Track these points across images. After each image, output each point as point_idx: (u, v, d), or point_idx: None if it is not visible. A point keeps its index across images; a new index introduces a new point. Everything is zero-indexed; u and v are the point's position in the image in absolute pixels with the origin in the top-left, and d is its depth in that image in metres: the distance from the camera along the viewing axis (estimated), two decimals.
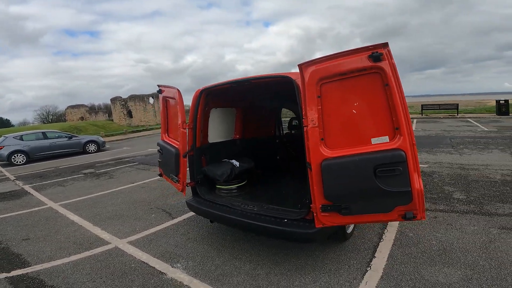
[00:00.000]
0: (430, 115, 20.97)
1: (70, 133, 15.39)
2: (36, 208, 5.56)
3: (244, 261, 3.06)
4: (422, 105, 22.28)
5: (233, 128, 4.64)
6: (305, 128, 2.45)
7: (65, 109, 42.38)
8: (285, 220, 2.81)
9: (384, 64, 2.17)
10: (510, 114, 17.82)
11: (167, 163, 3.87)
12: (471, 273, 2.53)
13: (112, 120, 35.05)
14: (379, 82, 2.23)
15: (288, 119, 5.63)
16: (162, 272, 2.96)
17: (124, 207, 5.25)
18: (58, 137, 13.28)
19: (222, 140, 4.37)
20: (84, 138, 14.19)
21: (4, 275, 3.02)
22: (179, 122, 3.54)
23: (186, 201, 3.75)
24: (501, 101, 18.45)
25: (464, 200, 4.31)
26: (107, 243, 3.76)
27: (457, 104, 20.61)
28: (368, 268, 2.71)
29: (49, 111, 51.95)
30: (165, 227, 4.16)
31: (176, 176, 3.60)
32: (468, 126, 14.18)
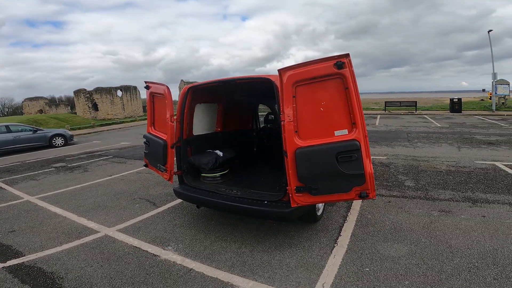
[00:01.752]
0: (392, 111, 22.66)
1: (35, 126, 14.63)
2: (14, 202, 5.51)
3: (230, 242, 3.48)
4: (385, 102, 24.00)
5: (215, 122, 5.02)
6: (282, 123, 2.94)
7: (22, 102, 39.47)
8: (265, 202, 3.28)
9: (345, 71, 2.70)
10: (462, 111, 19.79)
11: (154, 154, 4.18)
12: (415, 248, 3.12)
13: (75, 113, 33.32)
14: (341, 86, 2.76)
15: (265, 114, 6.19)
16: (155, 255, 3.28)
17: (106, 199, 5.41)
18: (22, 130, 12.63)
19: (205, 133, 4.74)
20: (50, 131, 13.60)
21: (0, 265, 3.16)
22: (168, 116, 3.89)
23: (173, 189, 4.08)
24: (454, 99, 20.41)
25: (413, 187, 5.06)
26: (96, 231, 3.98)
27: (416, 102, 22.45)
28: (335, 244, 3.25)
29: (4, 103, 48.01)
30: (151, 215, 4.44)
31: (163, 166, 3.95)
32: (424, 122, 15.64)
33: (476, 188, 4.87)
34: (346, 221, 3.82)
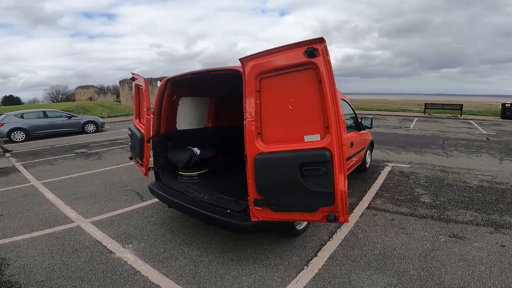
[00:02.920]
0: (433, 114, 20.59)
1: (72, 113, 15.63)
2: (19, 186, 5.73)
3: (193, 247, 3.15)
4: (425, 104, 21.82)
5: (205, 117, 4.71)
6: (244, 122, 2.48)
7: (75, 89, 43.11)
8: (228, 211, 2.88)
9: (318, 60, 2.15)
10: None
11: (135, 147, 4.01)
12: (396, 282, 2.53)
13: (120, 101, 35.47)
14: (313, 79, 2.21)
15: None
16: (112, 251, 3.08)
17: (100, 188, 5.39)
18: (59, 116, 13.52)
19: (192, 128, 4.44)
20: (83, 118, 14.42)
21: None
22: (144, 109, 3.66)
23: (148, 185, 3.86)
24: (506, 104, 17.94)
25: (428, 204, 4.30)
26: (71, 221, 3.90)
27: (461, 105, 20.10)
28: (305, 267, 2.75)
29: (59, 90, 52.78)
30: (132, 209, 4.28)
31: (141, 160, 3.74)
32: (467, 128, 13.91)
33: (507, 211, 3.99)
34: (331, 239, 3.28)
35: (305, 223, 3.41)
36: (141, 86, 3.87)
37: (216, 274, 2.67)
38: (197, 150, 3.90)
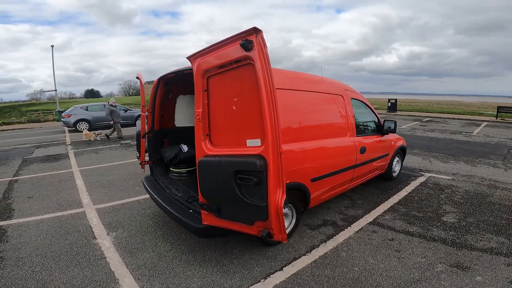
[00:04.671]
0: (507, 119, 17.42)
1: (131, 106, 17.32)
2: (61, 171, 6.56)
3: (167, 242, 3.18)
4: (498, 107, 18.50)
5: None
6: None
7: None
8: (191, 211, 2.85)
9: (253, 54, 1.94)
10: None
11: (136, 141, 4.26)
12: None
13: None
14: (252, 75, 2.00)
15: None
16: (95, 237, 3.30)
17: (122, 178, 5.84)
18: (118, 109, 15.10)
19: (190, 125, 4.51)
20: (136, 111, 15.86)
21: None
22: (141, 106, 3.88)
23: (142, 179, 4.06)
24: None
25: (449, 225, 3.64)
26: (81, 207, 4.30)
27: None
28: (262, 280, 2.53)
29: (130, 85, 59.08)
30: (135, 200, 4.54)
31: (138, 154, 3.98)
32: None
33: None
34: (308, 253, 2.98)
35: (289, 229, 3.21)
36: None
37: (172, 271, 2.65)
38: (184, 147, 3.95)
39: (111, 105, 10.93)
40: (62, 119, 14.63)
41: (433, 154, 7.91)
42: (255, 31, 1.93)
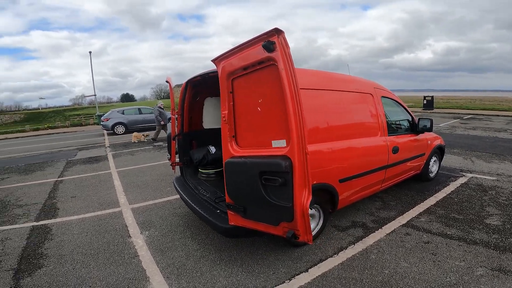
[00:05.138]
0: None
1: (167, 109, 18.08)
2: (101, 172, 7.03)
3: (195, 242, 3.28)
4: None
5: None
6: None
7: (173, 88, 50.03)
8: (218, 211, 2.91)
9: (276, 55, 1.96)
10: None
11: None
12: None
13: None
14: (276, 76, 2.02)
15: None
16: (130, 236, 3.49)
17: (155, 178, 6.12)
18: (150, 113, 15.87)
19: (217, 127, 4.62)
20: (168, 114, 16.49)
21: (33, 223, 4.03)
22: (171, 109, 4.06)
23: (173, 179, 4.22)
24: None
25: (493, 228, 3.36)
26: (118, 206, 4.57)
27: None
28: (287, 281, 2.52)
29: (161, 88, 61.72)
30: (166, 200, 4.73)
31: (169, 155, 4.17)
32: None
33: None
34: (335, 255, 2.92)
35: (316, 230, 3.18)
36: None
37: (199, 270, 2.73)
38: (212, 149, 4.05)
39: (160, 107, 11.57)
40: (101, 123, 15.67)
41: (476, 154, 7.35)
42: (277, 32, 1.94)
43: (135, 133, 12.24)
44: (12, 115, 43.42)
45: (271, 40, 1.95)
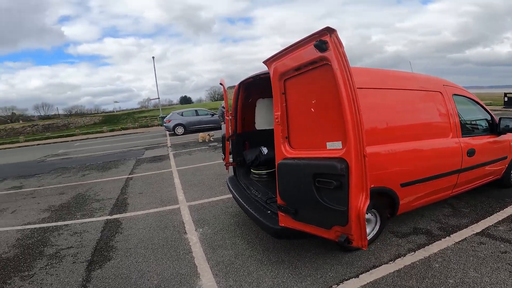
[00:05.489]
0: None
1: (215, 111, 18.95)
2: (164, 170, 7.67)
3: (245, 241, 3.36)
4: None
5: None
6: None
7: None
8: (268, 212, 2.94)
9: (329, 55, 1.92)
10: None
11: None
12: None
13: None
14: (330, 76, 1.98)
15: None
16: (186, 232, 3.74)
17: (209, 177, 6.45)
18: (206, 114, 16.78)
19: (270, 128, 4.64)
20: None
21: (107, 217, 4.58)
22: (225, 111, 4.23)
23: (226, 179, 4.38)
24: None
25: None
26: (177, 203, 4.94)
27: None
28: (335, 286, 2.42)
29: (215, 91, 64.86)
30: (220, 199, 4.95)
31: (223, 155, 4.37)
32: None
33: None
34: (391, 262, 2.71)
35: (371, 234, 3.01)
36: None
37: (246, 269, 2.79)
38: (264, 150, 4.09)
39: (224, 107, 12.20)
40: (164, 124, 17.08)
41: None
42: (329, 30, 1.89)
43: (201, 134, 12.89)
44: (92, 117, 50.14)
45: (323, 39, 1.91)
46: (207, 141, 12.26)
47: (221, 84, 4.59)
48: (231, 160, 4.43)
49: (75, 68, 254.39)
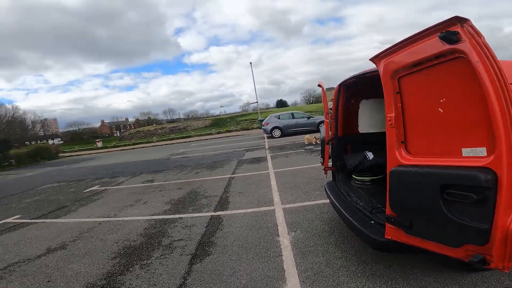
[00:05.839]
0: None
1: (317, 114, 18.87)
2: (262, 172, 8.13)
3: (338, 249, 3.22)
4: None
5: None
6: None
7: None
8: (372, 222, 2.75)
9: (464, 46, 1.68)
10: None
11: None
12: None
13: None
14: (465, 71, 1.73)
15: None
16: (278, 234, 3.86)
17: (305, 181, 6.47)
18: (302, 117, 16.87)
19: (374, 131, 4.32)
20: (317, 118, 16.96)
21: (212, 213, 5.14)
22: (324, 113, 4.19)
23: (324, 184, 4.30)
24: None
25: None
26: (272, 205, 5.16)
27: None
28: None
29: (310, 94, 64.33)
30: (315, 204, 4.90)
31: (322, 159, 4.31)
32: None
33: None
34: None
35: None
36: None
37: (336, 279, 2.67)
38: (369, 155, 3.83)
39: None
40: (262, 127, 18.06)
41: None
42: (459, 20, 1.66)
43: (307, 136, 12.91)
44: (203, 121, 57.98)
45: (453, 30, 1.69)
46: (313, 143, 12.19)
47: (319, 85, 4.54)
48: (330, 164, 4.32)
49: (190, 76, 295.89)
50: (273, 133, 16.49)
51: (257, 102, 33.23)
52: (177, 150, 18.90)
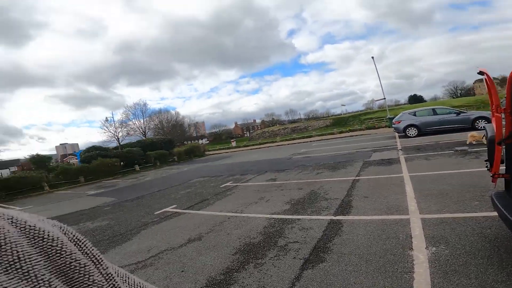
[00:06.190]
0: None
1: (470, 108, 15.15)
2: (393, 175, 6.97)
3: (503, 273, 2.24)
4: None
5: None
6: None
7: (473, 83, 40.43)
8: None
9: None
10: None
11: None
12: None
13: None
14: None
15: None
16: (412, 248, 3.10)
17: (456, 189, 5.06)
18: (448, 113, 13.76)
19: None
20: (473, 114, 13.34)
21: (331, 217, 4.66)
22: (493, 106, 3.18)
23: (491, 195, 3.20)
24: None
25: None
26: (406, 214, 4.24)
27: None
28: None
29: (456, 86, 52.34)
30: (471, 216, 3.71)
31: (489, 163, 3.28)
32: None
33: None
34: None
35: None
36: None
37: None
38: None
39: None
40: (392, 125, 15.82)
41: None
42: None
43: (472, 133, 10.22)
44: (324, 121, 56.71)
45: None
46: (473, 143, 9.62)
47: (480, 73, 3.45)
48: (502, 170, 3.18)
49: (308, 76, 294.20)
50: (407, 132, 14.09)
51: (384, 98, 29.65)
52: (298, 150, 19.11)
